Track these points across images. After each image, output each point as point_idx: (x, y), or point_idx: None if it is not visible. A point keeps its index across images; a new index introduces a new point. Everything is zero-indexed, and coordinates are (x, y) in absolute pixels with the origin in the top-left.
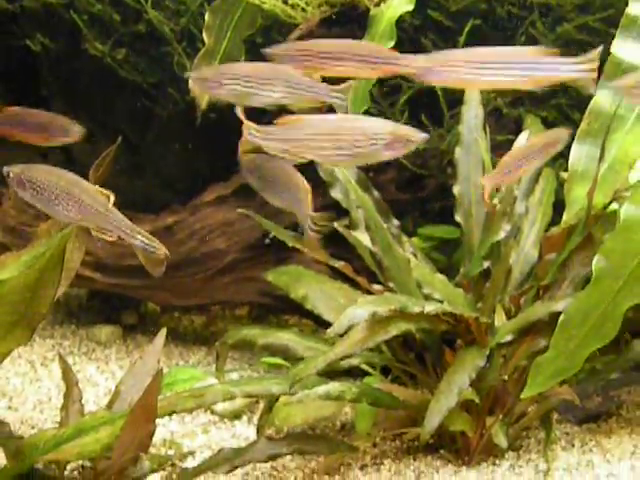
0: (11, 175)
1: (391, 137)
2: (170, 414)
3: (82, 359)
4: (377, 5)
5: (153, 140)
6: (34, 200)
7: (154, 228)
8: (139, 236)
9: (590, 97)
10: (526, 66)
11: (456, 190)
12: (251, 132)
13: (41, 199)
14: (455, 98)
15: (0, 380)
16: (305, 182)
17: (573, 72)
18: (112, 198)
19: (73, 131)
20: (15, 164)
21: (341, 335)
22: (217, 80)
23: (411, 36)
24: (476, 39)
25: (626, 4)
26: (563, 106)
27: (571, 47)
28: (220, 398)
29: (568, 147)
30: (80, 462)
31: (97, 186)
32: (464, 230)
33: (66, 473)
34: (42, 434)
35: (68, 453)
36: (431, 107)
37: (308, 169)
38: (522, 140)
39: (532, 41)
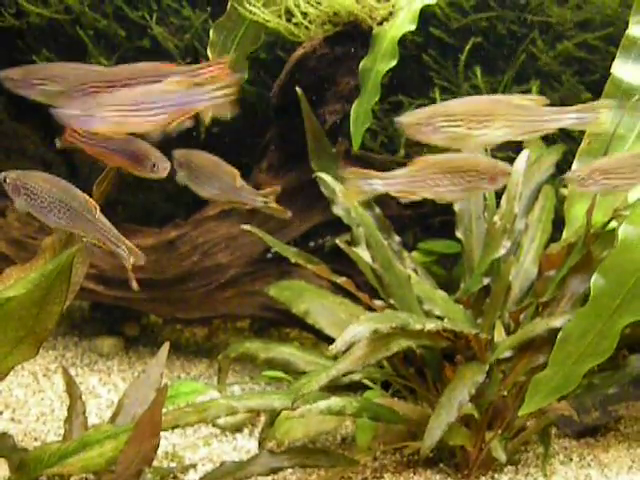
0: (7, 181)
1: (494, 172)
2: (174, 428)
3: (84, 371)
4: (380, 24)
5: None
6: (28, 206)
7: (157, 241)
8: (123, 245)
9: None
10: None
11: (457, 207)
12: (373, 181)
13: (34, 205)
14: None
15: (3, 392)
16: (232, 168)
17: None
18: (98, 208)
19: (162, 167)
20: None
21: (343, 352)
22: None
23: (413, 53)
24: (477, 56)
25: (625, 22)
26: None
27: (571, 64)
28: (223, 413)
29: (568, 164)
30: (84, 475)
31: (86, 195)
32: (464, 246)
33: None
34: (46, 447)
35: (73, 467)
36: None
37: (311, 184)
38: (523, 158)
39: (532, 58)
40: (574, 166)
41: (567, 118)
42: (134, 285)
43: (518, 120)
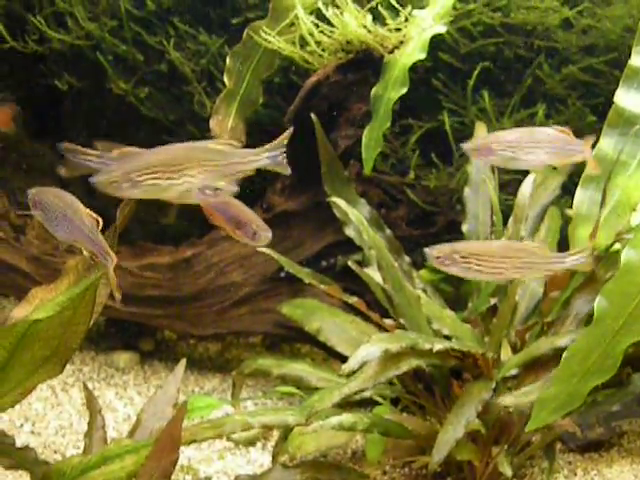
0: (29, 195)
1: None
2: (191, 443)
3: (101, 384)
4: (391, 52)
5: None
6: (42, 219)
7: (174, 260)
8: (110, 259)
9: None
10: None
11: (464, 228)
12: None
13: (46, 219)
14: (464, 137)
15: (23, 405)
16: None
17: None
18: (100, 222)
19: (264, 236)
20: None
21: (354, 371)
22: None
23: (423, 77)
24: (485, 80)
25: (629, 47)
26: None
27: (577, 88)
28: (239, 428)
29: (574, 185)
30: None
31: (88, 210)
32: None
33: None
34: (68, 461)
35: None
36: (441, 146)
37: (323, 206)
38: (529, 181)
39: (539, 82)
40: (577, 192)
41: (262, 159)
42: (117, 298)
43: (215, 165)
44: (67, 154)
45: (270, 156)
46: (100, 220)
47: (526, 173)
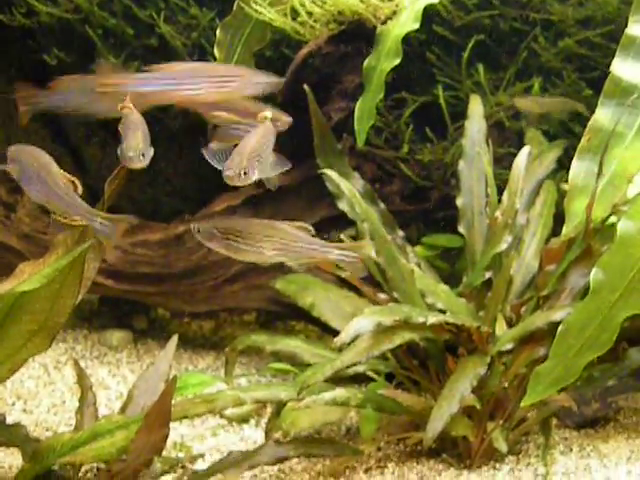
0: (8, 153)
1: None
2: (182, 418)
3: (94, 363)
4: (384, 23)
5: (164, 150)
6: (18, 177)
7: (165, 236)
8: (97, 218)
9: (591, 112)
10: None
11: (459, 202)
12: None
13: (22, 178)
14: (459, 112)
15: (15, 383)
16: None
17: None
18: (79, 185)
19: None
20: None
21: (347, 344)
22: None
23: (417, 50)
24: (480, 54)
25: (626, 19)
26: (564, 120)
27: (573, 61)
28: (230, 404)
29: (569, 159)
30: (95, 464)
31: (63, 171)
32: (467, 241)
33: (80, 475)
34: (59, 437)
35: (85, 456)
36: (435, 120)
37: (316, 180)
38: (524, 154)
39: (534, 55)
40: (573, 164)
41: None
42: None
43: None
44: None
45: (341, 255)
46: (77, 183)
47: (521, 147)
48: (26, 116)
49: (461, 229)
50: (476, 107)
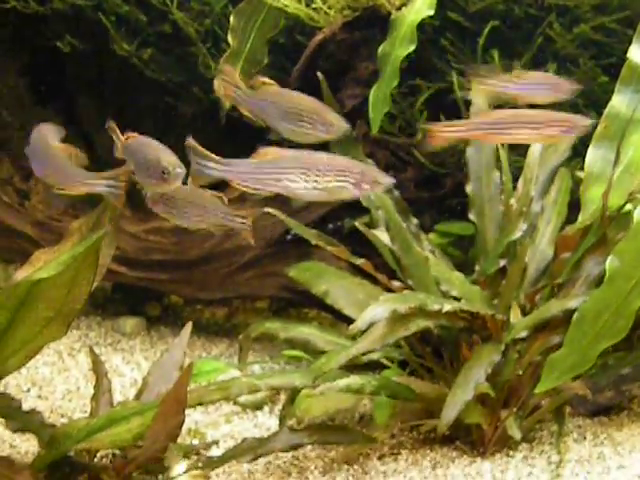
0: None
1: (363, 177)
2: (197, 405)
3: (108, 350)
4: (398, 9)
5: (177, 137)
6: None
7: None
8: (103, 181)
9: (607, 98)
10: None
11: (468, 189)
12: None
13: (29, 155)
14: None
15: (30, 369)
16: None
17: None
18: (81, 155)
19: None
20: None
21: (362, 331)
22: None
23: (431, 37)
24: (495, 40)
25: None
26: (579, 106)
27: (588, 47)
28: (245, 391)
29: (584, 147)
30: (110, 450)
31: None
32: (478, 228)
33: (96, 460)
34: (75, 423)
35: (100, 442)
36: (449, 107)
37: None
38: None
39: (549, 41)
40: (589, 151)
41: None
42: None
43: None
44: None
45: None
46: (78, 152)
47: None
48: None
49: (472, 216)
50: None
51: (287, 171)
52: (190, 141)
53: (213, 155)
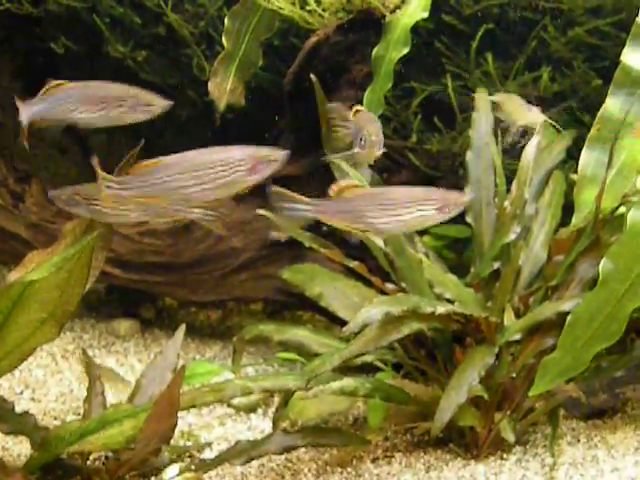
0: None
1: (253, 161)
2: (190, 408)
3: (102, 352)
4: (393, 12)
5: (171, 139)
6: None
7: (173, 226)
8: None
9: (601, 100)
10: None
11: (466, 192)
12: (109, 185)
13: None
14: (467, 101)
15: (23, 372)
16: None
17: None
18: None
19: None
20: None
21: (355, 334)
22: None
23: (425, 39)
24: (489, 43)
25: (636, 8)
26: (574, 109)
27: (582, 51)
28: (239, 393)
29: (578, 150)
30: (103, 453)
31: None
32: (474, 231)
33: (89, 463)
34: (67, 426)
35: (93, 444)
36: (444, 110)
37: (324, 169)
38: (533, 144)
39: (543, 44)
40: (583, 154)
41: None
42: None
43: None
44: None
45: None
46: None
47: (530, 137)
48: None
49: (469, 219)
50: (483, 99)
51: (369, 208)
52: (276, 188)
53: (299, 196)
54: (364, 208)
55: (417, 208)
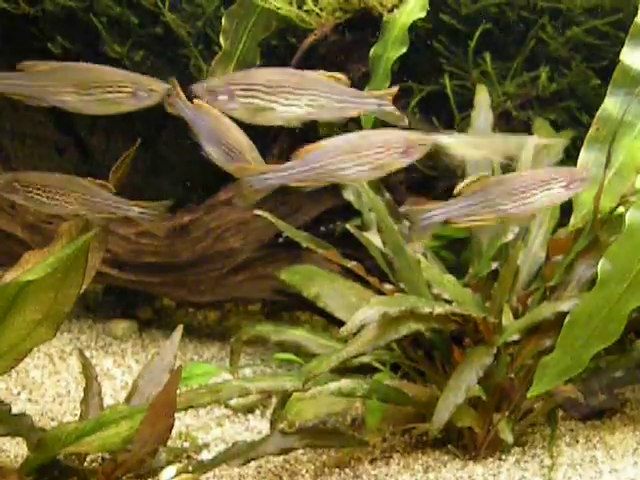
0: None
1: (406, 144)
2: (187, 409)
3: (99, 353)
4: (390, 11)
5: (168, 139)
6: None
7: (171, 226)
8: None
9: (599, 100)
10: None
11: None
12: (267, 176)
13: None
14: (466, 101)
15: (20, 373)
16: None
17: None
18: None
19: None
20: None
21: (353, 334)
22: (228, 92)
23: (423, 39)
24: (487, 43)
25: (635, 8)
26: (572, 109)
27: (581, 50)
28: (236, 394)
29: (576, 149)
30: (100, 454)
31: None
32: (473, 231)
33: (86, 464)
34: (64, 427)
35: (90, 445)
36: (442, 109)
37: None
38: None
39: (542, 44)
40: (581, 154)
41: (369, 103)
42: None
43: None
44: None
45: (378, 104)
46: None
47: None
48: None
49: None
50: (482, 97)
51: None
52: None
53: (437, 204)
54: (495, 197)
55: (545, 188)
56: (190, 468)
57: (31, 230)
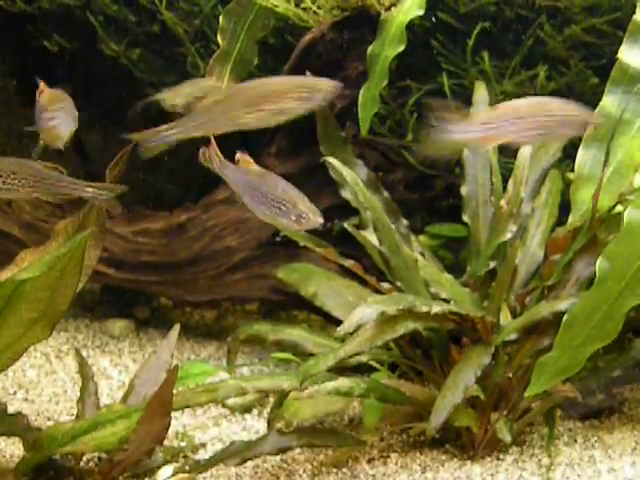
0: None
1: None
2: (184, 408)
3: (96, 352)
4: (388, 10)
5: None
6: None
7: (168, 225)
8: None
9: (598, 99)
10: None
11: (464, 191)
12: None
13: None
14: (464, 99)
15: (16, 372)
16: None
17: None
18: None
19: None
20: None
21: (350, 333)
22: None
23: (421, 38)
24: (485, 41)
25: (633, 6)
26: None
27: (579, 49)
28: (233, 393)
29: (574, 148)
30: (96, 454)
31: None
32: (471, 230)
33: (82, 464)
34: (60, 426)
35: (86, 445)
36: None
37: (319, 168)
38: None
39: (540, 43)
40: (579, 152)
41: None
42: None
43: None
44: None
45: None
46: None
47: None
48: None
49: (466, 218)
50: (481, 94)
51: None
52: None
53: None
54: (505, 124)
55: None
56: (187, 468)
57: (27, 228)
